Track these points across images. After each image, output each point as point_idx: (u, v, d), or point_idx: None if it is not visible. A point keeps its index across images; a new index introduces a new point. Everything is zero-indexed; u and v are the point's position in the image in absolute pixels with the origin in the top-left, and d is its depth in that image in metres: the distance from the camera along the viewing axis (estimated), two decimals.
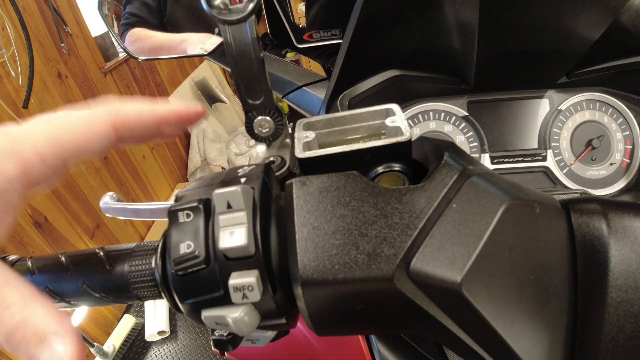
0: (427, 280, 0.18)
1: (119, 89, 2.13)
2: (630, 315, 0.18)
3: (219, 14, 0.25)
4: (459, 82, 0.54)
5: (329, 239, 0.19)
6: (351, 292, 0.19)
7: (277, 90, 0.65)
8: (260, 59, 0.27)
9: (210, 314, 0.21)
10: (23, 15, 1.50)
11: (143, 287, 0.24)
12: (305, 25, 0.59)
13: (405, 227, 0.19)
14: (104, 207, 0.36)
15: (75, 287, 0.25)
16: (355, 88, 0.52)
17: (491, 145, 0.55)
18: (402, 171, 0.22)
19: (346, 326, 0.21)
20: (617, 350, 0.18)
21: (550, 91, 0.54)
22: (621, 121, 0.53)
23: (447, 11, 0.43)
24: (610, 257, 0.18)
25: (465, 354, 0.20)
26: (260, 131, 0.30)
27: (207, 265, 0.20)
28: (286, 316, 0.22)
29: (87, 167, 1.81)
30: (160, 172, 2.42)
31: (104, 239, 1.86)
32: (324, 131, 0.25)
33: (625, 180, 0.53)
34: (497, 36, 0.43)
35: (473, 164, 0.21)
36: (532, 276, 0.19)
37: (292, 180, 0.21)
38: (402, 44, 0.48)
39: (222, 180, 0.23)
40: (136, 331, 1.82)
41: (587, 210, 0.20)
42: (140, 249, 0.25)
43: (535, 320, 0.19)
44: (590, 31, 0.42)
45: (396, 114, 0.24)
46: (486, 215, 0.18)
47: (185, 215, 0.21)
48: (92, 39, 1.96)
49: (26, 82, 1.50)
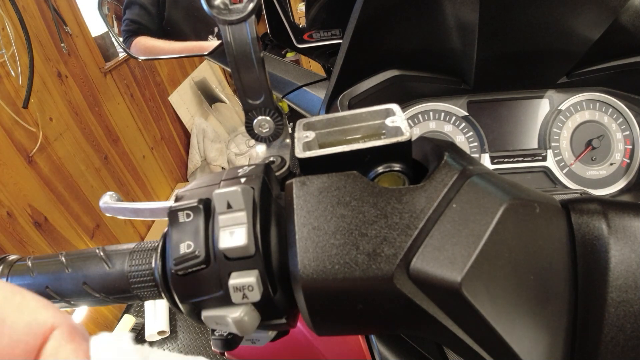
0: (427, 280, 0.18)
1: (119, 89, 2.13)
2: (630, 315, 0.18)
3: (219, 14, 0.25)
4: (459, 82, 0.54)
5: (329, 239, 0.19)
6: (351, 292, 0.19)
7: (277, 90, 0.65)
8: (260, 59, 0.27)
9: (210, 314, 0.21)
10: (23, 15, 1.50)
11: (143, 287, 0.24)
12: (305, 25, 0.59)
13: (405, 227, 0.19)
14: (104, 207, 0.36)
15: (75, 287, 0.25)
16: (355, 88, 0.52)
17: (491, 145, 0.55)
18: (402, 171, 0.22)
19: (346, 326, 0.21)
20: (617, 350, 0.18)
21: (550, 91, 0.54)
22: (621, 121, 0.53)
23: (447, 11, 0.43)
24: (610, 257, 0.18)
25: (465, 354, 0.20)
26: (260, 131, 0.30)
27: (207, 265, 0.20)
28: (286, 316, 0.22)
29: (87, 167, 1.81)
30: (160, 172, 2.42)
31: (104, 239, 1.86)
32: (324, 131, 0.25)
33: (625, 180, 0.53)
34: (497, 36, 0.43)
35: (473, 164, 0.21)
36: (532, 276, 0.19)
37: (292, 180, 0.21)
38: (402, 44, 0.48)
39: (222, 180, 0.23)
40: (136, 331, 1.82)
41: (587, 210, 0.20)
42: (140, 249, 0.25)
43: (535, 320, 0.19)
44: (590, 31, 0.42)
45: (396, 114, 0.24)
46: (486, 215, 0.18)
47: (185, 215, 0.21)
48: (92, 39, 1.96)
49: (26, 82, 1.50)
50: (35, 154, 1.52)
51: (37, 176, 1.53)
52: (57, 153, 1.64)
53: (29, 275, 0.26)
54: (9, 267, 0.27)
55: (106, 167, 1.94)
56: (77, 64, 1.84)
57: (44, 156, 1.57)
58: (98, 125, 1.92)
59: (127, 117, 2.17)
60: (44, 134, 1.56)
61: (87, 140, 1.83)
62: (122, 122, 2.10)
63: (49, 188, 1.57)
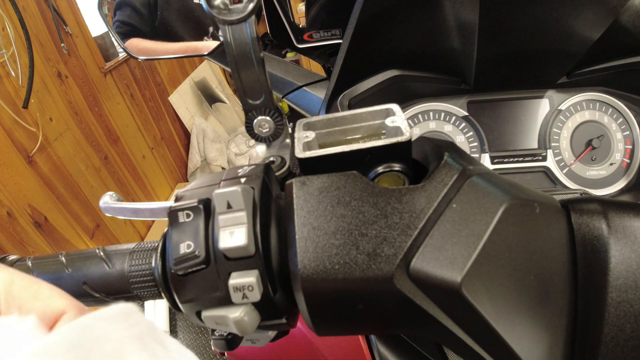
0: (427, 280, 0.18)
1: (119, 89, 2.13)
2: (630, 315, 0.18)
3: (219, 14, 0.25)
4: (459, 82, 0.54)
5: (329, 239, 0.19)
6: (351, 292, 0.19)
7: (277, 90, 0.65)
8: (260, 59, 0.27)
9: (210, 314, 0.21)
10: (23, 15, 1.50)
11: (143, 287, 0.24)
12: (305, 25, 0.59)
13: (405, 227, 0.19)
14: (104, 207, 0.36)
15: (75, 287, 0.25)
16: (355, 88, 0.52)
17: (491, 145, 0.55)
18: (402, 171, 0.22)
19: (346, 326, 0.21)
20: (617, 350, 0.18)
21: (550, 91, 0.54)
22: (621, 121, 0.53)
23: (447, 11, 0.43)
24: (610, 257, 0.18)
25: (465, 354, 0.20)
26: (260, 131, 0.30)
27: (207, 265, 0.20)
28: (286, 316, 0.22)
29: (87, 167, 1.81)
30: (160, 172, 2.42)
31: (104, 239, 1.86)
32: (324, 131, 0.25)
33: (625, 180, 0.53)
34: (497, 36, 0.43)
35: (473, 164, 0.21)
36: (532, 276, 0.19)
37: (292, 180, 0.21)
38: (402, 44, 0.48)
39: (222, 180, 0.23)
40: None
41: (587, 210, 0.20)
42: (140, 249, 0.25)
43: (535, 320, 0.19)
44: (590, 31, 0.42)
45: (396, 114, 0.24)
46: (486, 215, 0.18)
47: (185, 215, 0.21)
48: (92, 39, 1.96)
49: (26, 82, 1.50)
50: (35, 154, 1.52)
51: (37, 176, 1.53)
52: (57, 153, 1.64)
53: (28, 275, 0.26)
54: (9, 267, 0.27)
55: (106, 167, 1.94)
56: (77, 64, 1.84)
57: (44, 156, 1.57)
58: (98, 125, 1.92)
59: (127, 117, 2.17)
60: (44, 134, 1.56)
61: (87, 140, 1.83)
62: (122, 122, 2.10)
63: (49, 188, 1.57)
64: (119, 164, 2.05)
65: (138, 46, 0.65)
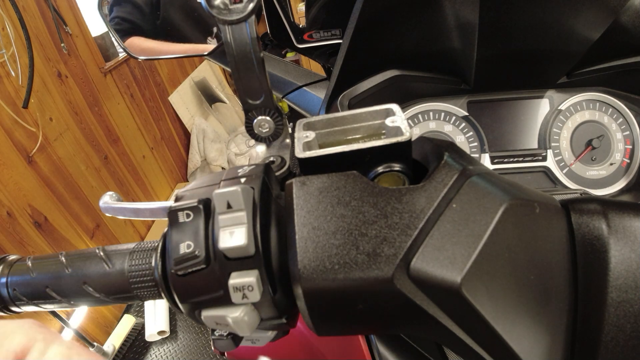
0: (427, 280, 0.18)
1: (119, 89, 2.13)
2: (630, 315, 0.18)
3: (219, 14, 0.25)
4: (459, 82, 0.54)
5: (329, 239, 0.19)
6: (351, 292, 0.19)
7: (277, 90, 0.65)
8: (260, 59, 0.27)
9: (210, 314, 0.21)
10: (23, 15, 1.50)
11: (143, 287, 0.24)
12: (305, 25, 0.59)
13: (405, 227, 0.19)
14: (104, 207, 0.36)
15: (75, 287, 0.25)
16: (355, 88, 0.52)
17: (491, 145, 0.55)
18: (402, 171, 0.22)
19: (346, 326, 0.21)
20: (617, 350, 0.18)
21: (550, 91, 0.54)
22: (621, 121, 0.53)
23: (447, 11, 0.43)
24: (610, 257, 0.18)
25: (465, 354, 0.20)
26: (260, 131, 0.30)
27: (207, 265, 0.20)
28: (286, 316, 0.22)
29: (87, 167, 1.81)
30: (160, 172, 2.42)
31: (104, 239, 1.86)
32: (324, 131, 0.25)
33: (625, 180, 0.53)
34: (497, 36, 0.43)
35: (473, 164, 0.21)
36: (532, 276, 0.19)
37: (292, 180, 0.21)
38: (402, 44, 0.48)
39: (222, 180, 0.23)
40: (136, 331, 1.82)
41: (587, 210, 0.20)
42: (140, 249, 0.25)
43: (535, 321, 0.19)
44: (590, 31, 0.42)
45: (396, 114, 0.24)
46: (486, 215, 0.18)
47: (185, 215, 0.21)
48: (92, 39, 1.96)
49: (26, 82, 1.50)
50: (35, 154, 1.52)
51: (37, 176, 1.53)
52: (57, 153, 1.64)
53: (28, 275, 0.26)
54: (9, 267, 0.27)
55: (106, 167, 1.94)
56: (77, 64, 1.84)
57: (44, 156, 1.57)
58: (98, 125, 1.92)
59: (127, 117, 2.17)
60: (44, 134, 1.56)
61: (87, 140, 1.83)
62: (122, 122, 2.10)
63: (49, 188, 1.57)
64: (119, 164, 2.05)
65: (139, 46, 0.64)
